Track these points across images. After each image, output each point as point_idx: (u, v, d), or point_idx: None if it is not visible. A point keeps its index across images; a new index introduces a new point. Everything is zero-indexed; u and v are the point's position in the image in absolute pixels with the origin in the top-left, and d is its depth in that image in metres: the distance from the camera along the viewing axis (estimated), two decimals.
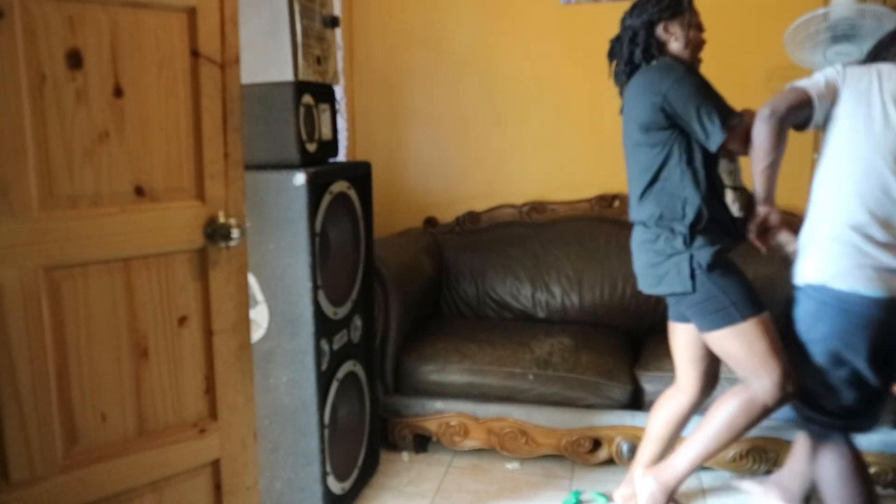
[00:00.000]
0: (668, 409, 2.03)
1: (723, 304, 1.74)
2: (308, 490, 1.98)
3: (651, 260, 1.83)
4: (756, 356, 1.73)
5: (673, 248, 1.77)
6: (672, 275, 1.78)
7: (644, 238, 1.85)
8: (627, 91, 1.87)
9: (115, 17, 1.14)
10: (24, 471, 1.14)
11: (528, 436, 2.38)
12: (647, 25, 1.83)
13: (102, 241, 1.17)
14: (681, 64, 1.80)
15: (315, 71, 1.96)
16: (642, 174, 1.83)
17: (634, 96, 1.82)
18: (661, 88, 1.73)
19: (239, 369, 1.38)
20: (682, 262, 1.76)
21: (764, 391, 1.74)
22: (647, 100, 1.76)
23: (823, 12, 2.39)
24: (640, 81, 1.81)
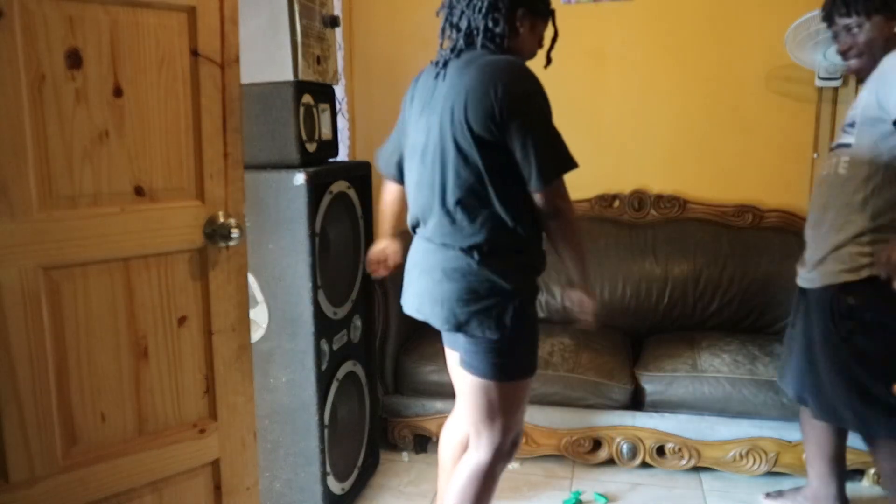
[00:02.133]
0: (452, 440, 1.83)
1: (508, 357, 1.52)
2: (308, 490, 1.98)
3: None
4: (495, 415, 1.56)
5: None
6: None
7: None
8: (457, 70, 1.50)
9: (115, 16, 1.14)
10: (23, 471, 1.14)
11: (528, 436, 2.38)
12: (511, 6, 1.50)
13: (102, 241, 1.17)
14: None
15: (315, 71, 1.96)
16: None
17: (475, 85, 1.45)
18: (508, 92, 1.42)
19: (239, 369, 1.37)
20: (507, 304, 1.49)
21: (484, 449, 1.60)
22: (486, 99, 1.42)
23: None
24: (474, 68, 1.46)
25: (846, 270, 1.63)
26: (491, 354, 1.51)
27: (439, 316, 1.53)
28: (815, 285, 1.72)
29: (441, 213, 1.50)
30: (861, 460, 2.20)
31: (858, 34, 1.64)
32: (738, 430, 2.26)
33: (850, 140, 1.64)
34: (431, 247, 1.55)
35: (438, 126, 1.48)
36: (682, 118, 2.87)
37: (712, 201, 2.86)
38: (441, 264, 1.52)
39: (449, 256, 1.51)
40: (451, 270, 1.50)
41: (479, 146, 1.43)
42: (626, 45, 2.89)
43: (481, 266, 1.48)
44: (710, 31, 2.80)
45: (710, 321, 2.70)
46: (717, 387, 2.26)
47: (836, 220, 1.66)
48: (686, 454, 2.30)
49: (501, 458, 1.62)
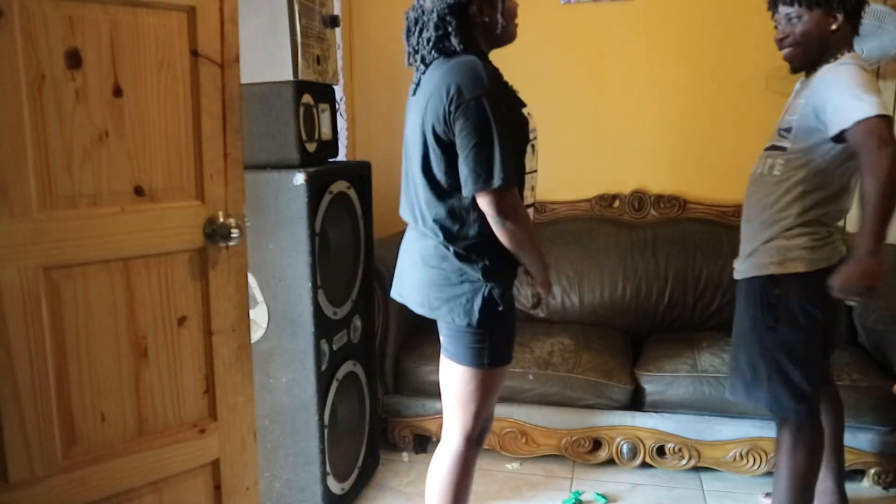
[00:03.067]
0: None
1: (483, 344, 1.57)
2: (308, 490, 1.98)
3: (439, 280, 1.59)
4: (468, 401, 1.62)
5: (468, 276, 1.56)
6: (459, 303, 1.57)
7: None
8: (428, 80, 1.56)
9: (115, 16, 1.14)
10: (23, 471, 1.14)
11: (528, 436, 2.38)
12: (456, 6, 1.49)
13: (102, 241, 1.17)
14: (487, 66, 1.51)
15: (315, 70, 1.96)
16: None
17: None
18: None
19: (238, 369, 1.37)
20: (476, 293, 1.55)
21: (455, 436, 1.66)
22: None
23: None
24: (437, 74, 1.52)
25: (774, 263, 1.73)
26: (465, 340, 1.58)
27: (415, 300, 1.64)
28: (746, 276, 1.81)
29: (419, 206, 1.59)
30: (862, 460, 2.20)
31: (797, 24, 1.72)
32: (739, 431, 2.26)
33: (786, 144, 1.73)
34: (415, 234, 1.65)
35: (413, 128, 1.59)
36: (682, 118, 2.87)
37: (712, 201, 2.86)
38: (420, 251, 1.61)
39: (427, 245, 1.59)
40: (428, 258, 1.59)
41: (440, 145, 1.50)
42: (626, 45, 2.89)
43: (454, 256, 1.55)
44: (710, 31, 2.80)
45: (710, 321, 2.70)
46: (718, 387, 2.26)
47: (768, 217, 1.75)
48: (686, 454, 2.30)
49: (472, 445, 1.67)
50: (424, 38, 1.54)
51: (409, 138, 1.62)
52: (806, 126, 1.69)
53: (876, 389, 2.17)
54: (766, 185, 1.77)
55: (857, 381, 2.19)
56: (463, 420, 1.65)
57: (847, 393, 2.18)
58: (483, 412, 1.66)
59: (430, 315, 1.62)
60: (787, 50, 1.77)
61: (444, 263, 1.56)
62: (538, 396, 2.37)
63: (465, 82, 1.45)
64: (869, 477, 2.22)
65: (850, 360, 2.30)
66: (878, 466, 2.20)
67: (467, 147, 1.45)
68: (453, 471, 1.67)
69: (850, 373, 2.23)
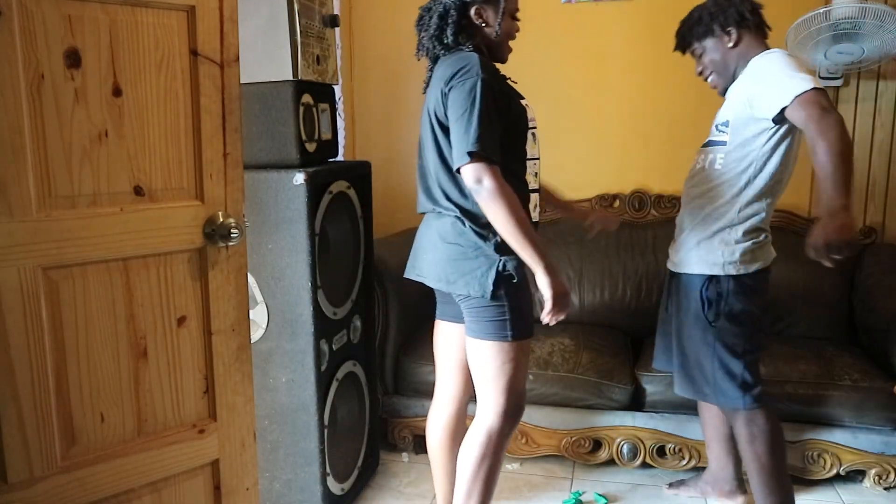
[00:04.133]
0: (438, 429, 1.92)
1: (504, 317, 1.64)
2: (308, 491, 1.98)
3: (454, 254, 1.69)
4: (498, 376, 1.68)
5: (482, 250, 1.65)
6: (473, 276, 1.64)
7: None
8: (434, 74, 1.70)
9: (114, 16, 1.14)
10: (22, 471, 1.14)
11: (528, 436, 2.38)
12: (461, 5, 1.64)
13: (101, 241, 1.17)
14: (483, 58, 1.61)
15: (315, 70, 1.96)
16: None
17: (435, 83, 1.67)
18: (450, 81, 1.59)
19: (238, 369, 1.37)
20: (491, 266, 1.63)
21: (489, 412, 1.70)
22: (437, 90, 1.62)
23: (824, 11, 2.39)
24: (440, 69, 1.66)
25: (717, 265, 1.81)
26: (486, 314, 1.66)
27: (433, 275, 1.72)
28: (686, 271, 1.88)
29: (438, 187, 1.69)
30: (862, 461, 2.19)
31: (704, 57, 1.90)
32: None
33: (725, 138, 1.81)
34: (432, 217, 1.74)
35: (425, 118, 1.71)
36: (682, 118, 2.86)
37: None
38: (438, 229, 1.70)
39: (444, 223, 1.69)
40: (446, 234, 1.68)
41: (442, 129, 1.65)
42: (626, 45, 2.89)
43: (470, 230, 1.64)
44: None
45: None
46: None
47: (713, 211, 1.82)
48: (686, 454, 2.30)
49: (507, 421, 1.71)
50: (429, 29, 1.69)
51: (423, 128, 1.73)
52: (743, 118, 1.76)
53: (876, 390, 2.17)
54: (710, 179, 1.84)
55: (858, 382, 2.19)
56: (496, 396, 1.70)
57: (847, 393, 2.18)
58: (516, 386, 1.70)
59: (447, 289, 1.69)
60: (710, 80, 1.92)
61: (460, 238, 1.66)
62: (538, 396, 2.37)
63: (460, 68, 1.58)
64: (869, 477, 2.22)
65: (850, 361, 2.30)
66: (878, 467, 2.19)
67: (453, 122, 1.58)
68: (488, 447, 1.71)
69: (850, 373, 2.23)
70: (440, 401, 1.92)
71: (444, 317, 1.87)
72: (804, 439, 2.22)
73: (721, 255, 1.80)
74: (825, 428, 2.22)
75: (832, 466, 2.21)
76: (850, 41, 2.43)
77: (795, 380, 2.23)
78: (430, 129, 1.67)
